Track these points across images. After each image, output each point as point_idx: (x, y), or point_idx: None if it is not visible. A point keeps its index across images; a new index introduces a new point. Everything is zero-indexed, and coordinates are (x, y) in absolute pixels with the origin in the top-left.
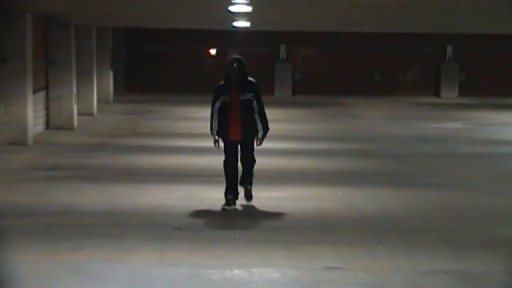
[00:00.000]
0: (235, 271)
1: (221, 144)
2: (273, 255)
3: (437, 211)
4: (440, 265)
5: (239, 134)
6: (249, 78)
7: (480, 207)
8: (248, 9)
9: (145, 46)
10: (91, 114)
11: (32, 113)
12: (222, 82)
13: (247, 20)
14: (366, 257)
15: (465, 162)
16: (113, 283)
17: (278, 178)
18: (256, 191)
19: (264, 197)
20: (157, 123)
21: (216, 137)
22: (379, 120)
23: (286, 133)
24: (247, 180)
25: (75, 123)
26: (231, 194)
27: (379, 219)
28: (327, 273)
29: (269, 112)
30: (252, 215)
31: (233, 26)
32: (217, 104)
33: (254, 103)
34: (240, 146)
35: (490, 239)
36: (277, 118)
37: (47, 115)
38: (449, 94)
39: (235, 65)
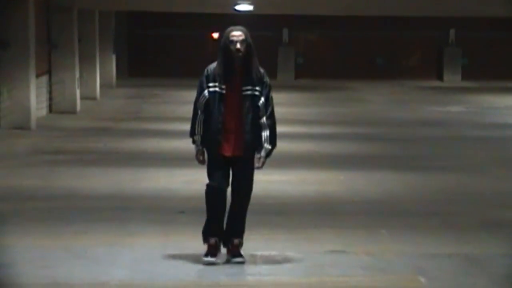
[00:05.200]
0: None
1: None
2: (276, 238)
3: (440, 195)
4: (443, 249)
5: (235, 147)
6: (258, 67)
7: (483, 190)
8: None
9: (148, 30)
10: (94, 98)
11: (35, 97)
12: (214, 65)
13: (250, 4)
14: (369, 241)
15: (468, 145)
16: (117, 267)
17: (281, 162)
18: (258, 176)
19: (267, 181)
20: (161, 107)
21: (200, 147)
22: (382, 104)
23: (288, 116)
24: (237, 231)
25: (78, 107)
26: (214, 236)
27: (382, 203)
28: (330, 256)
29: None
30: (255, 199)
31: (236, 10)
32: (203, 97)
33: (262, 101)
34: (233, 166)
35: (493, 222)
36: (280, 102)
37: (50, 99)
38: (452, 77)
39: (238, 42)
